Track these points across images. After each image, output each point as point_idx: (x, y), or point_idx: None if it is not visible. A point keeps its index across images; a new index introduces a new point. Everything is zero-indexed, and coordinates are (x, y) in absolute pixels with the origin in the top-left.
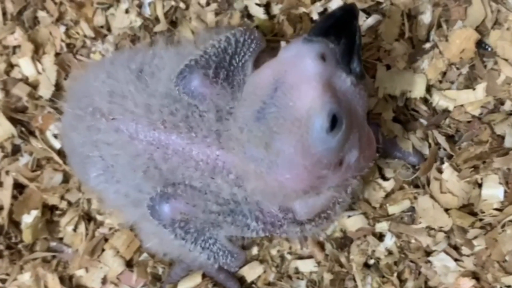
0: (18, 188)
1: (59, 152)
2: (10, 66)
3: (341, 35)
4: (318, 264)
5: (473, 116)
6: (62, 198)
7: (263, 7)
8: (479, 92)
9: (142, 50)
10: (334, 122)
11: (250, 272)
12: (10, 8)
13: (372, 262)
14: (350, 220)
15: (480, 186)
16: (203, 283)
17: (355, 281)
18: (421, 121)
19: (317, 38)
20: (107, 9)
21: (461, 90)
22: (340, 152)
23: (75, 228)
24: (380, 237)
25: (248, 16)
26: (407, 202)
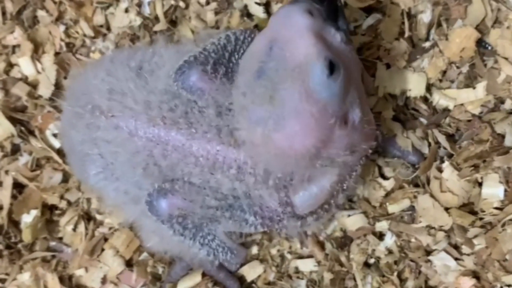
0: (18, 187)
1: (58, 151)
2: (9, 66)
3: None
4: (318, 263)
5: (473, 115)
6: (62, 197)
7: (263, 6)
8: (479, 91)
9: (141, 48)
10: (332, 67)
11: (250, 272)
12: (10, 8)
13: (372, 261)
14: (350, 219)
15: (480, 185)
16: (203, 282)
17: (355, 280)
18: (421, 120)
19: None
20: (106, 8)
21: (461, 89)
22: (343, 102)
23: (74, 228)
24: (380, 236)
25: (247, 15)
26: (407, 201)
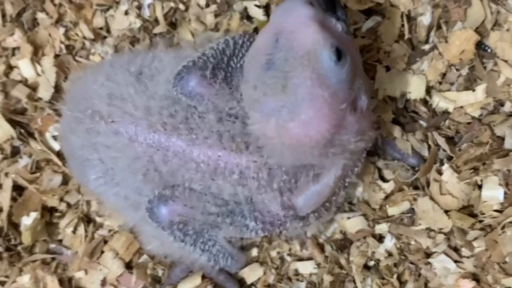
0: (18, 190)
1: (58, 154)
2: (9, 68)
3: None
4: (318, 265)
5: (473, 118)
6: (62, 200)
7: (263, 8)
8: (479, 93)
9: (141, 53)
10: (339, 54)
11: (250, 274)
12: (10, 10)
13: (372, 263)
14: (350, 222)
15: (480, 188)
16: (202, 285)
17: (355, 282)
18: (421, 123)
19: None
20: (106, 10)
21: (461, 92)
22: (351, 88)
23: (74, 230)
24: (380, 238)
25: (247, 17)
26: (407, 204)
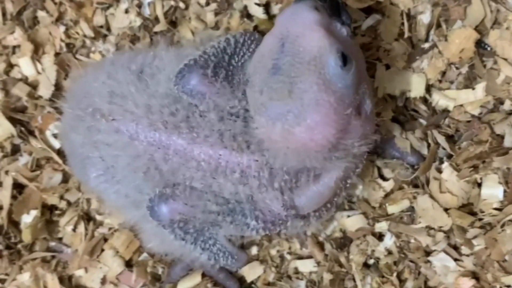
0: (18, 188)
1: (58, 152)
2: (9, 66)
3: None
4: (318, 264)
5: (473, 116)
6: (62, 198)
7: (263, 7)
8: (479, 91)
9: (142, 51)
10: (344, 59)
11: (250, 272)
12: (10, 8)
13: (371, 262)
14: (350, 220)
15: (479, 186)
16: (202, 283)
17: (354, 281)
18: (421, 121)
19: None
20: (106, 9)
21: (461, 90)
22: (356, 93)
23: (74, 228)
24: (380, 237)
25: (247, 16)
26: (407, 202)
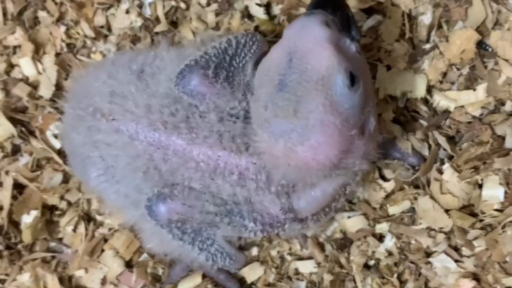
0: (18, 188)
1: (59, 152)
2: (10, 66)
3: (334, 9)
4: (318, 265)
5: (474, 117)
6: (62, 198)
7: (264, 7)
8: (480, 92)
9: (143, 51)
10: (352, 79)
11: (250, 273)
12: (11, 8)
13: (372, 263)
14: (350, 221)
15: (480, 187)
16: (203, 284)
17: (355, 282)
18: (421, 122)
19: (317, 11)
20: (107, 9)
21: (462, 91)
22: (362, 113)
23: (74, 229)
24: (380, 238)
25: (248, 16)
26: (407, 203)
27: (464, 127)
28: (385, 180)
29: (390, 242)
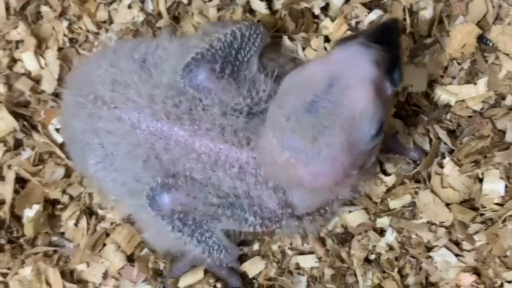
0: (20, 182)
1: (61, 146)
2: (13, 61)
3: (388, 45)
4: (319, 259)
5: (474, 111)
6: (64, 192)
7: (265, 2)
8: (481, 87)
9: (145, 41)
10: (379, 128)
11: (252, 268)
12: (13, 3)
13: (373, 257)
14: (351, 216)
15: (481, 181)
16: (205, 279)
17: (356, 276)
18: (422, 116)
19: (374, 45)
20: (109, 4)
21: (463, 85)
22: (370, 154)
23: (76, 223)
24: (381, 232)
25: (250, 11)
26: (408, 197)
27: (465, 121)
28: (386, 174)
29: (391, 237)
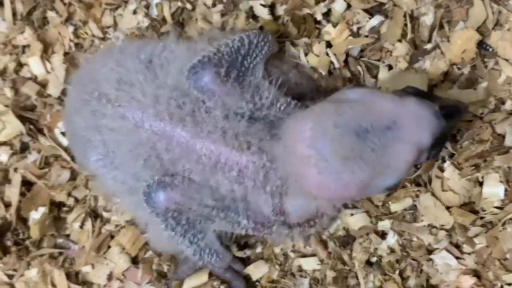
0: (26, 185)
1: (66, 149)
2: (19, 65)
3: (449, 125)
4: (321, 262)
5: (474, 116)
6: (69, 195)
7: (268, 7)
8: (480, 92)
9: (151, 42)
10: (396, 184)
11: (255, 271)
12: (20, 8)
13: (374, 260)
14: (353, 218)
15: (481, 185)
16: (209, 282)
17: (357, 278)
18: None
19: (442, 119)
20: (115, 9)
21: (463, 90)
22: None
23: (81, 225)
24: (383, 235)
25: (253, 16)
26: (409, 200)
27: (465, 126)
28: None
29: (392, 239)
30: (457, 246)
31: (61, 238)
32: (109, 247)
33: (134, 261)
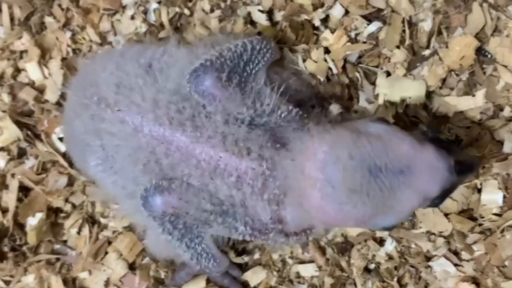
0: (23, 191)
1: (64, 155)
2: (17, 71)
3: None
4: (319, 268)
5: (473, 122)
6: (67, 201)
7: (266, 13)
8: (479, 98)
9: (151, 46)
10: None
11: (253, 277)
12: (18, 14)
13: (372, 266)
14: None
15: (479, 191)
16: None
17: (355, 285)
18: (421, 127)
19: (455, 174)
20: (113, 15)
21: (461, 96)
22: None
23: (79, 231)
24: (381, 242)
25: (251, 22)
26: None
27: (463, 132)
28: None
29: (390, 246)
30: (456, 253)
31: (58, 244)
32: (106, 253)
33: (131, 267)
